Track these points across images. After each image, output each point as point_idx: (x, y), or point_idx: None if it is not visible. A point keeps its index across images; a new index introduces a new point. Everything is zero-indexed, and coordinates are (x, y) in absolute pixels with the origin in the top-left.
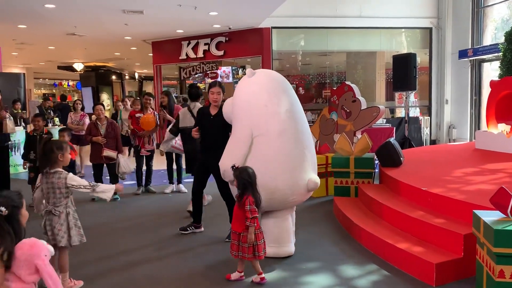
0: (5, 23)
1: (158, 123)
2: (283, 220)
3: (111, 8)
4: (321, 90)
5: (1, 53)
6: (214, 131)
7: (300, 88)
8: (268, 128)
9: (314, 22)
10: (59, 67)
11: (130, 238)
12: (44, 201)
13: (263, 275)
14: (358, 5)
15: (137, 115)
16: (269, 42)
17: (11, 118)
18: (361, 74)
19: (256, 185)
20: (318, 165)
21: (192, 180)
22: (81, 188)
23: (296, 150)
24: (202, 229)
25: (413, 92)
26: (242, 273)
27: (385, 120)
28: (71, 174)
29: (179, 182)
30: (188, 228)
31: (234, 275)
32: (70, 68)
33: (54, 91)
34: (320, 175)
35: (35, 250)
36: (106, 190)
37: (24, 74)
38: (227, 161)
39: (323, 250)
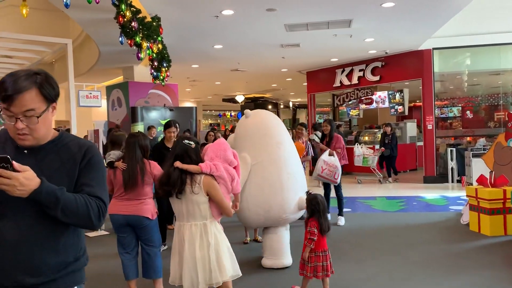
0: (182, 64)
1: (310, 152)
2: (280, 235)
3: (271, 44)
4: (493, 113)
5: (178, 90)
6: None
7: (468, 112)
8: (263, 157)
9: (484, 39)
10: (223, 100)
11: None
12: None
13: None
14: None
15: None
16: (430, 64)
17: None
18: None
19: (324, 212)
20: (493, 200)
21: None
22: None
23: (286, 175)
24: None
25: None
26: None
27: None
28: None
29: (340, 213)
30: None
31: None
32: (232, 100)
33: (218, 121)
34: (495, 211)
35: None
36: None
37: (195, 107)
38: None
39: None
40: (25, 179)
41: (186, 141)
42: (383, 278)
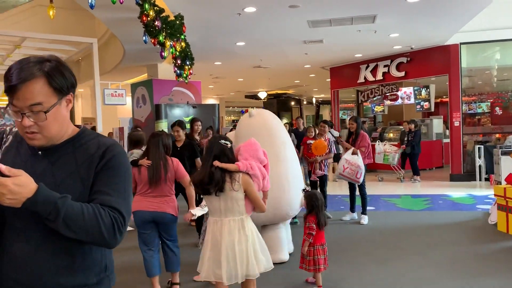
0: (205, 62)
1: (333, 149)
2: (278, 231)
3: (294, 40)
4: None
5: (201, 87)
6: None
7: (497, 108)
8: (270, 157)
9: None
10: (246, 96)
11: None
12: None
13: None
14: None
15: (309, 141)
16: (457, 59)
17: None
18: None
19: (322, 207)
20: None
21: None
22: None
23: (291, 174)
24: None
25: None
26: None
27: None
28: None
29: (363, 212)
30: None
31: (310, 279)
32: (255, 97)
33: (241, 117)
34: None
35: None
36: None
37: (218, 104)
38: None
39: None
40: (16, 185)
41: (223, 141)
42: (406, 279)
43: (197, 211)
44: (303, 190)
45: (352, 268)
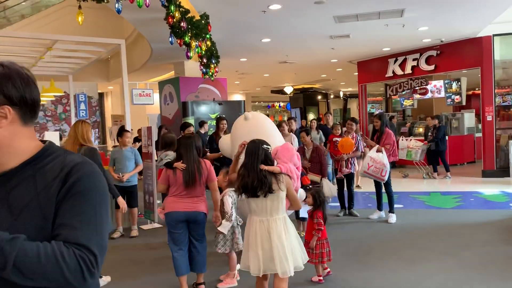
0: (230, 58)
1: (360, 148)
2: None
3: (320, 36)
4: None
5: (227, 83)
6: None
7: None
8: None
9: None
10: (272, 91)
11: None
12: None
13: (321, 277)
14: None
15: (335, 139)
16: (490, 51)
17: None
18: None
19: (325, 203)
20: None
21: None
22: None
23: None
24: None
25: None
26: (321, 277)
27: None
28: None
29: (390, 210)
30: None
31: (314, 278)
32: (281, 92)
33: (267, 112)
34: None
35: None
36: None
37: (244, 101)
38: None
39: None
40: None
41: (265, 146)
42: (435, 281)
43: (225, 228)
44: (308, 187)
45: (378, 269)
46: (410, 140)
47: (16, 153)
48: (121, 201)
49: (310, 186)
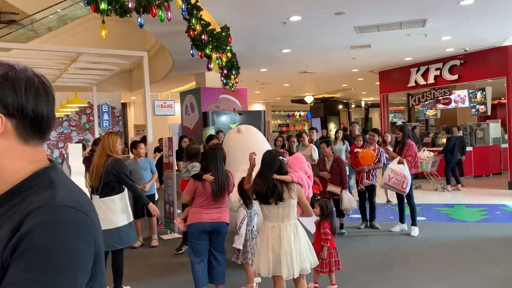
0: (251, 69)
1: (382, 159)
2: None
3: (340, 46)
4: None
5: (247, 93)
6: None
7: None
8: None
9: None
10: (292, 101)
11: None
12: None
13: (335, 286)
14: None
15: (356, 150)
16: None
17: None
18: None
19: (333, 214)
20: None
21: None
22: None
23: None
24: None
25: None
26: (317, 284)
27: None
28: None
29: (413, 223)
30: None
31: (310, 285)
32: (301, 101)
33: (287, 121)
34: None
35: None
36: None
37: (264, 111)
38: (236, 196)
39: None
40: None
41: (281, 157)
42: None
43: (240, 244)
44: (315, 198)
45: (399, 284)
46: (424, 151)
47: (3, 175)
48: (152, 207)
49: (319, 197)
